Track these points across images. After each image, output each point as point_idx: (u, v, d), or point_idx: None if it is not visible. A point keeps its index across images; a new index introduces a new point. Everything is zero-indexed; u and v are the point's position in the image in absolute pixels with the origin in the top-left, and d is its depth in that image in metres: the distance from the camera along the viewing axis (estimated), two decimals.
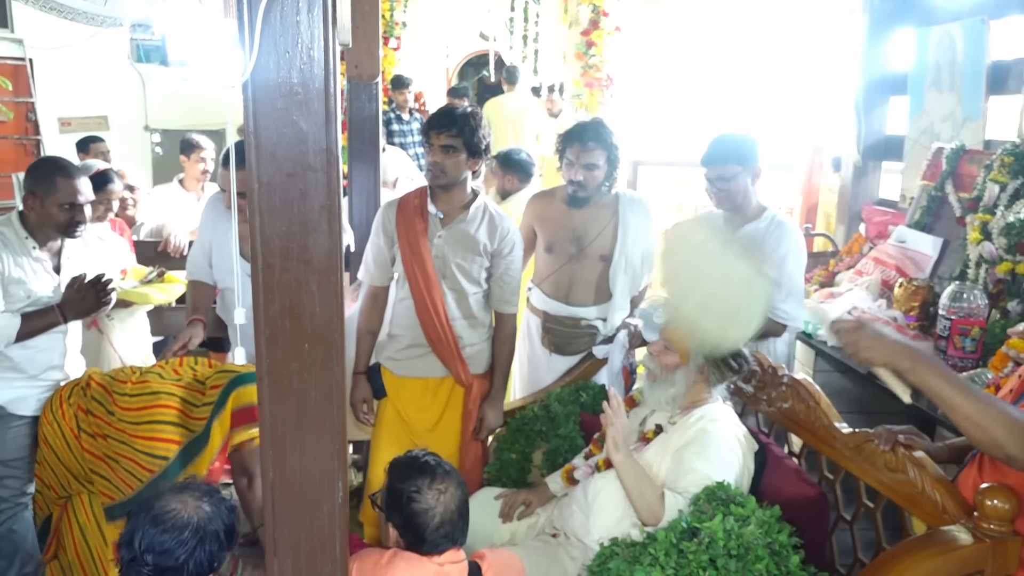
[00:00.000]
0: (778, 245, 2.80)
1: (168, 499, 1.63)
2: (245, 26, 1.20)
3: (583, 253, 3.02)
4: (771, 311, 2.76)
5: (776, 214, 2.90)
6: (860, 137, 4.01)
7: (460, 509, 1.85)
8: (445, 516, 1.81)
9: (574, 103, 8.28)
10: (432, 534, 1.80)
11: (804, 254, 2.90)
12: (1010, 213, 2.82)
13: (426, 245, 2.64)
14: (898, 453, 1.91)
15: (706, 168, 2.87)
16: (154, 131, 8.01)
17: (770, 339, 2.88)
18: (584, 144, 2.91)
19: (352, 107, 3.40)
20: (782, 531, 1.86)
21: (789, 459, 2.31)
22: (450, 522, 1.82)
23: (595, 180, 2.94)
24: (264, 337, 1.32)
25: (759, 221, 2.87)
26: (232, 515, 1.70)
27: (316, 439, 1.37)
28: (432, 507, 1.81)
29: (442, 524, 1.81)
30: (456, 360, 2.68)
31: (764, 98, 7.43)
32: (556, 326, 3.12)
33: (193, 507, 1.62)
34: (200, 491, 1.69)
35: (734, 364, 2.19)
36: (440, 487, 1.84)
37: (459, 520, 1.85)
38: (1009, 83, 3.14)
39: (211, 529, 1.61)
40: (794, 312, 2.82)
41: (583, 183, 2.94)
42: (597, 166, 2.92)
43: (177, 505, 1.61)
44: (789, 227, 2.86)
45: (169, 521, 1.59)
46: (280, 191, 1.27)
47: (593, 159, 2.91)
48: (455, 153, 2.55)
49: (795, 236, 2.86)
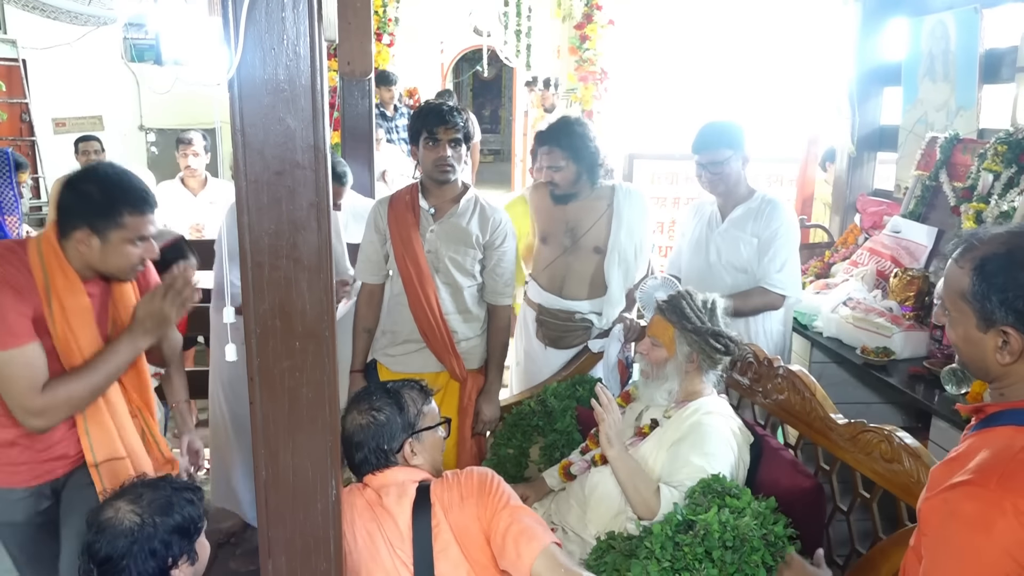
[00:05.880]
0: (770, 220, 2.86)
1: (107, 507, 1.63)
2: (230, 23, 1.20)
3: (577, 245, 3.03)
4: (766, 282, 2.80)
5: (766, 193, 2.96)
6: (854, 128, 4.01)
7: (345, 434, 1.84)
8: (344, 439, 1.82)
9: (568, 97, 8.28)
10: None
11: (796, 228, 2.94)
12: (1004, 202, 2.82)
13: (418, 240, 2.64)
14: (893, 444, 1.91)
15: (697, 155, 2.91)
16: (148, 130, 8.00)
17: (766, 317, 2.90)
18: (542, 147, 3.02)
19: (345, 104, 3.40)
20: (778, 522, 1.86)
21: (785, 451, 2.31)
22: (344, 444, 1.82)
23: (566, 179, 2.97)
24: (255, 336, 1.31)
25: (750, 201, 2.93)
26: (188, 507, 1.67)
27: (308, 437, 1.37)
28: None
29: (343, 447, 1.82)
30: (451, 355, 2.68)
31: (758, 90, 7.43)
32: (550, 319, 3.12)
33: (124, 512, 1.61)
34: (136, 492, 1.66)
35: (719, 345, 2.18)
36: (349, 415, 1.86)
37: (345, 445, 1.83)
38: (1002, 72, 3.14)
39: (147, 530, 1.60)
40: (791, 282, 2.86)
41: (555, 183, 3.00)
42: (560, 168, 2.96)
43: (111, 513, 1.61)
44: (779, 203, 2.92)
45: (106, 530, 1.59)
46: (268, 189, 1.26)
47: (553, 161, 2.97)
48: (459, 146, 2.61)
49: (786, 211, 2.91)
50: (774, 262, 2.84)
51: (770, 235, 2.85)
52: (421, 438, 1.86)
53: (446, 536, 1.72)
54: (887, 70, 3.91)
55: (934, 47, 3.47)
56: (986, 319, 1.29)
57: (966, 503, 1.22)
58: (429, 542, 1.72)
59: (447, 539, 1.72)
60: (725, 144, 2.86)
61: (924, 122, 3.58)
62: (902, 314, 2.99)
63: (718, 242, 2.97)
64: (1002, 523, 1.17)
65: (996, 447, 1.26)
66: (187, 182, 4.57)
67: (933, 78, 3.51)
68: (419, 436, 1.86)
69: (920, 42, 3.56)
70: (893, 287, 3.16)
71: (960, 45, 3.30)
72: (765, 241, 2.86)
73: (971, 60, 3.24)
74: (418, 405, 1.88)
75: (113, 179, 1.89)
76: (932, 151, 3.39)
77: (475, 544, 1.73)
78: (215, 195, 4.54)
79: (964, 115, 3.32)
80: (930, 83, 3.53)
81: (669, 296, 2.30)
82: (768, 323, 2.95)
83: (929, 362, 2.75)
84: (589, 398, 2.77)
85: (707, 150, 2.88)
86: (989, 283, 1.28)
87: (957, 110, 3.36)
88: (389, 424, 1.82)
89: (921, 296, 3.02)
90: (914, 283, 3.06)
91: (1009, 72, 3.08)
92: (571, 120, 3.04)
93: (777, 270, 2.84)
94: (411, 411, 1.85)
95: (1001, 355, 1.29)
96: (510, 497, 1.76)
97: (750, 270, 2.90)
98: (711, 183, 2.92)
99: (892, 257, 3.39)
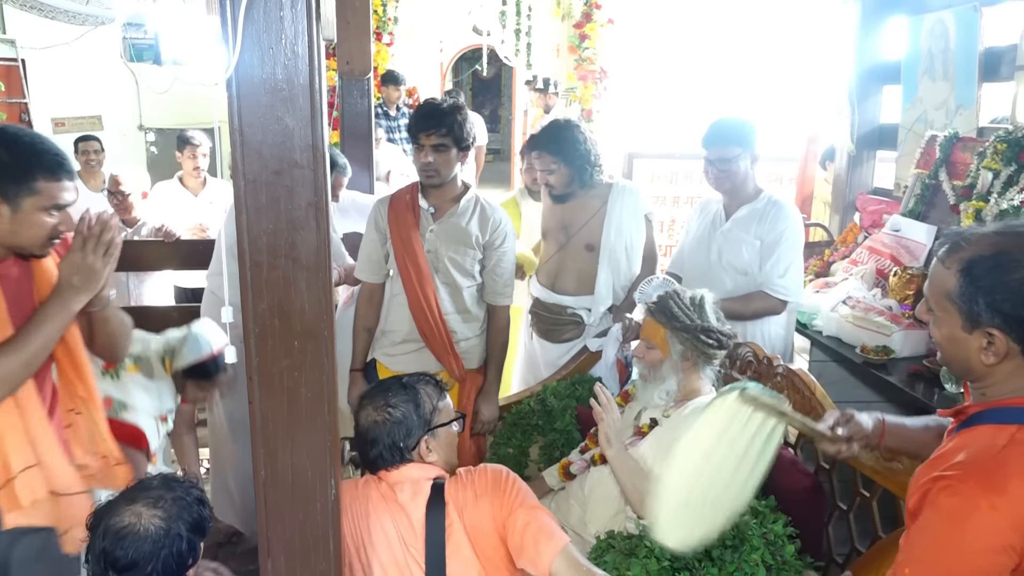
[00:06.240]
0: (775, 223, 2.84)
1: (121, 512, 1.59)
2: (228, 22, 1.19)
3: (570, 242, 3.06)
4: (769, 287, 2.79)
5: (772, 194, 2.94)
6: (854, 126, 4.00)
7: (359, 430, 1.83)
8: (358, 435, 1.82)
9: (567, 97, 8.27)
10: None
11: (801, 232, 2.93)
12: (1004, 200, 2.81)
13: (418, 240, 2.64)
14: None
15: (707, 149, 2.90)
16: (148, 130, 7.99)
17: (767, 321, 2.90)
18: (532, 153, 3.08)
19: (344, 103, 3.40)
20: (777, 521, 1.87)
21: (785, 449, 2.31)
22: (358, 440, 1.82)
23: (560, 180, 3.00)
24: (253, 335, 1.31)
25: (756, 202, 2.91)
26: (200, 506, 1.66)
27: (307, 437, 1.37)
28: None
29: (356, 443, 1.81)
30: (449, 355, 2.69)
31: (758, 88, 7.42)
32: (542, 312, 3.18)
33: (148, 517, 1.58)
34: (153, 495, 1.63)
35: (710, 340, 2.18)
36: (364, 411, 1.84)
37: (359, 441, 1.84)
38: (1002, 70, 3.13)
39: (173, 533, 1.58)
40: (793, 287, 2.85)
41: (550, 184, 3.02)
42: (552, 171, 2.99)
43: (132, 519, 1.58)
44: (785, 206, 2.90)
45: (128, 537, 1.56)
46: (266, 188, 1.26)
47: (544, 165, 3.00)
48: (445, 151, 2.56)
49: (792, 214, 2.89)
50: (777, 267, 2.82)
51: (774, 238, 2.83)
52: (436, 435, 1.85)
53: (459, 536, 1.72)
54: (886, 68, 3.90)
55: (933, 45, 3.47)
56: (972, 320, 1.29)
57: (944, 497, 1.25)
58: (442, 541, 1.72)
59: (460, 539, 1.72)
60: (735, 141, 2.85)
61: (923, 120, 3.58)
62: (902, 313, 2.99)
63: (720, 241, 2.96)
64: (976, 518, 1.20)
65: (976, 446, 1.29)
66: (187, 182, 4.51)
67: (932, 76, 3.50)
68: (435, 433, 1.84)
69: (919, 40, 3.56)
70: (893, 286, 3.16)
71: (959, 43, 3.30)
72: (769, 244, 2.84)
73: (970, 58, 3.24)
74: (434, 401, 1.85)
75: (25, 141, 1.70)
76: (932, 149, 3.39)
77: (488, 542, 1.73)
78: (215, 195, 4.52)
79: (964, 113, 3.31)
80: (929, 81, 3.53)
81: (658, 297, 2.30)
82: (769, 327, 2.93)
83: (929, 360, 2.75)
84: (588, 397, 2.77)
85: (716, 145, 2.87)
86: (976, 285, 1.28)
87: (956, 108, 3.35)
88: (405, 421, 1.79)
89: (921, 294, 3.01)
90: (914, 282, 3.06)
91: (1008, 70, 3.07)
92: (560, 124, 3.05)
93: (780, 275, 2.82)
94: (427, 407, 1.83)
95: (986, 356, 1.29)
96: (526, 495, 1.75)
97: (750, 272, 2.89)
98: (717, 179, 2.92)
99: (892, 256, 3.39)
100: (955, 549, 1.23)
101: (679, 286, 2.38)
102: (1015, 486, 1.20)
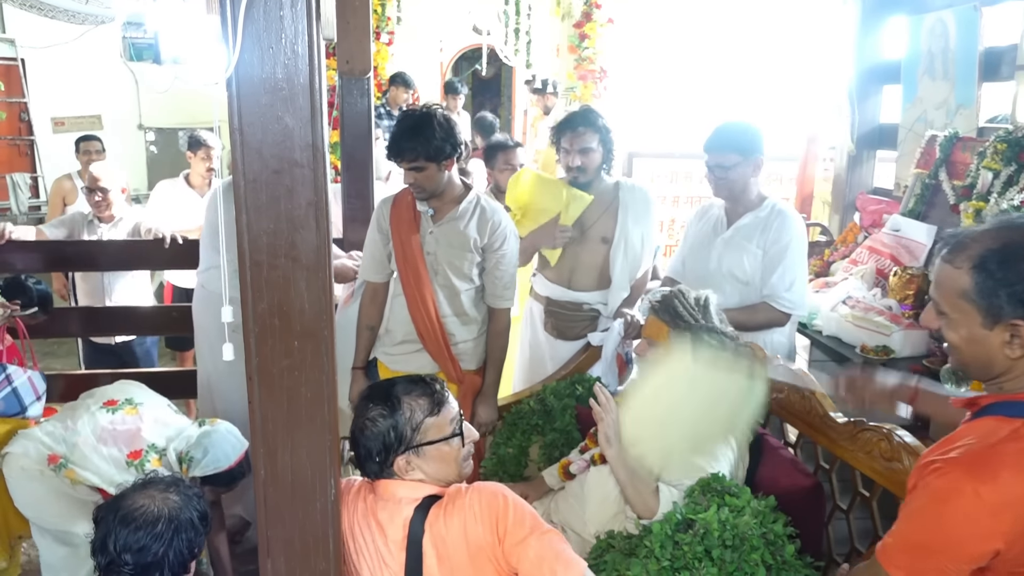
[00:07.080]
0: (780, 234, 2.77)
1: (134, 497, 1.63)
2: (228, 22, 1.19)
3: (585, 236, 3.04)
4: (774, 300, 2.76)
5: (776, 203, 2.87)
6: (854, 126, 4.01)
7: (351, 432, 1.74)
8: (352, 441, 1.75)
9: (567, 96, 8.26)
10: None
11: (805, 242, 2.87)
12: (1004, 200, 2.81)
13: (418, 243, 2.64)
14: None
15: (706, 154, 2.85)
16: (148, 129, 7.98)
17: (771, 330, 2.87)
18: (575, 130, 2.97)
19: (344, 103, 3.39)
20: (777, 521, 1.86)
21: (785, 449, 2.31)
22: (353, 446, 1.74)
23: (593, 163, 2.97)
24: (253, 335, 1.31)
25: (759, 210, 2.84)
26: (201, 501, 1.69)
27: (307, 436, 1.37)
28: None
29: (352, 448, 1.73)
30: (446, 357, 2.69)
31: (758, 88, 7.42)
32: (559, 310, 3.14)
33: (161, 499, 1.62)
34: (164, 483, 1.69)
35: (713, 341, 2.16)
36: (356, 412, 1.76)
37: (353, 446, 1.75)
38: (1002, 70, 3.14)
39: (184, 517, 1.61)
40: (799, 300, 2.80)
41: (582, 167, 2.97)
42: (592, 149, 2.96)
43: (145, 501, 1.61)
44: (790, 215, 2.82)
45: (140, 518, 1.58)
46: (266, 188, 1.26)
47: (586, 143, 2.95)
48: (424, 170, 2.54)
49: (796, 224, 2.81)
50: (783, 280, 2.75)
51: (779, 250, 2.76)
52: (422, 452, 1.69)
53: (432, 566, 1.63)
54: (886, 68, 3.91)
55: (933, 45, 3.47)
56: (993, 315, 1.29)
57: (934, 478, 1.29)
58: (419, 568, 1.63)
59: (433, 570, 1.63)
60: (734, 149, 2.77)
61: (924, 120, 3.58)
62: (901, 312, 2.99)
63: (720, 249, 2.89)
64: (959, 502, 1.24)
65: (979, 434, 1.31)
66: (193, 182, 4.44)
67: (932, 76, 3.50)
68: (419, 451, 1.69)
69: (919, 40, 3.56)
70: (892, 285, 3.16)
71: (960, 43, 3.30)
72: (774, 256, 2.77)
73: (971, 58, 3.24)
74: (420, 417, 1.69)
75: None
76: (932, 149, 3.39)
77: (476, 572, 1.63)
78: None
79: (964, 113, 3.31)
80: (929, 81, 3.53)
81: (662, 296, 2.29)
82: (772, 336, 2.87)
83: (929, 360, 2.75)
84: (588, 397, 2.77)
85: (715, 152, 2.81)
86: (994, 279, 1.28)
87: (956, 108, 3.36)
88: (383, 436, 1.67)
89: (920, 294, 3.02)
90: (913, 281, 3.06)
91: (1008, 70, 3.08)
92: (593, 108, 3.06)
93: (786, 288, 2.75)
94: (407, 425, 1.68)
95: (1011, 349, 1.30)
96: (530, 519, 1.62)
97: (752, 283, 2.82)
98: (716, 186, 2.86)
99: (892, 255, 3.39)
100: (933, 525, 1.28)
101: (684, 286, 2.37)
102: (1006, 477, 1.22)
